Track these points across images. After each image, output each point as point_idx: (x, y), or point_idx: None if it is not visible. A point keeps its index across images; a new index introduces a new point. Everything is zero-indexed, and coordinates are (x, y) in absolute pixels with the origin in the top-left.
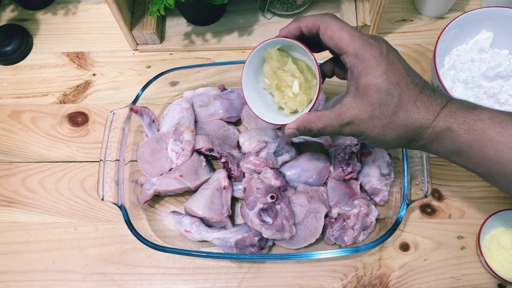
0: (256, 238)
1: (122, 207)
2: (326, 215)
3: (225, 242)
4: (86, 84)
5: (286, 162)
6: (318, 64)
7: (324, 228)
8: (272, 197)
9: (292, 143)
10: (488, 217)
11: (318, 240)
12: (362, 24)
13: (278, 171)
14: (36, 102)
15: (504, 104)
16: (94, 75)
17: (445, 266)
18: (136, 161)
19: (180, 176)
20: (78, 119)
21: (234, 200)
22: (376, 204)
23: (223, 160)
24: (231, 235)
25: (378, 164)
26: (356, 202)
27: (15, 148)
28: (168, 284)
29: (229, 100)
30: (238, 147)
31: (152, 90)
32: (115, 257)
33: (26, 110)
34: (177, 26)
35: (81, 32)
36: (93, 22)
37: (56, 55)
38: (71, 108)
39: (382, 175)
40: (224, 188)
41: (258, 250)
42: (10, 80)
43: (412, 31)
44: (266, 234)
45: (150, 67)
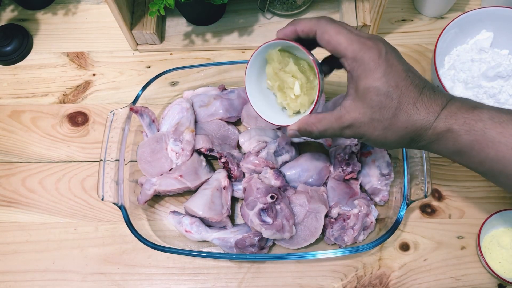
0: (256, 238)
1: (122, 207)
2: (326, 215)
3: (225, 242)
4: (86, 84)
5: (286, 162)
6: (317, 66)
7: (324, 228)
8: (272, 197)
9: (292, 143)
10: (488, 217)
11: (318, 240)
12: (362, 24)
13: (278, 171)
14: (36, 102)
15: (504, 104)
16: (94, 75)
17: (445, 266)
18: (136, 161)
19: (180, 176)
20: (78, 119)
21: (234, 200)
22: (376, 204)
23: (223, 160)
24: (231, 235)
25: (378, 164)
26: (356, 202)
27: (15, 148)
28: (168, 284)
29: (229, 100)
30: (238, 147)
31: (152, 90)
32: (115, 257)
33: (26, 110)
34: (177, 26)
35: (81, 32)
36: (93, 22)
37: (56, 55)
38: (71, 108)
39: (382, 175)
40: (224, 188)
41: (258, 250)
42: (10, 80)
43: (412, 31)
44: (266, 234)
45: (150, 67)
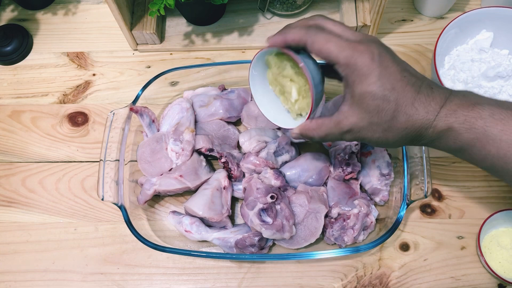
0: (256, 238)
1: (122, 207)
2: (326, 215)
3: (225, 242)
4: (86, 84)
5: (286, 162)
6: (308, 72)
7: (324, 228)
8: (272, 197)
9: (292, 143)
10: (488, 217)
11: (318, 240)
12: (362, 24)
13: (278, 171)
14: (36, 102)
15: None
16: (94, 75)
17: (445, 266)
18: (136, 161)
19: (180, 176)
20: (78, 119)
21: (234, 200)
22: (376, 204)
23: (223, 160)
24: (231, 235)
25: (378, 164)
26: (356, 202)
27: (15, 148)
28: (168, 284)
29: (229, 100)
30: (238, 147)
31: (152, 90)
32: (115, 257)
33: (26, 110)
34: (177, 26)
35: (81, 32)
36: (93, 22)
37: (56, 55)
38: (71, 108)
39: (382, 175)
40: (224, 188)
41: (258, 250)
42: (10, 80)
43: (412, 31)
44: (266, 234)
45: (150, 67)
